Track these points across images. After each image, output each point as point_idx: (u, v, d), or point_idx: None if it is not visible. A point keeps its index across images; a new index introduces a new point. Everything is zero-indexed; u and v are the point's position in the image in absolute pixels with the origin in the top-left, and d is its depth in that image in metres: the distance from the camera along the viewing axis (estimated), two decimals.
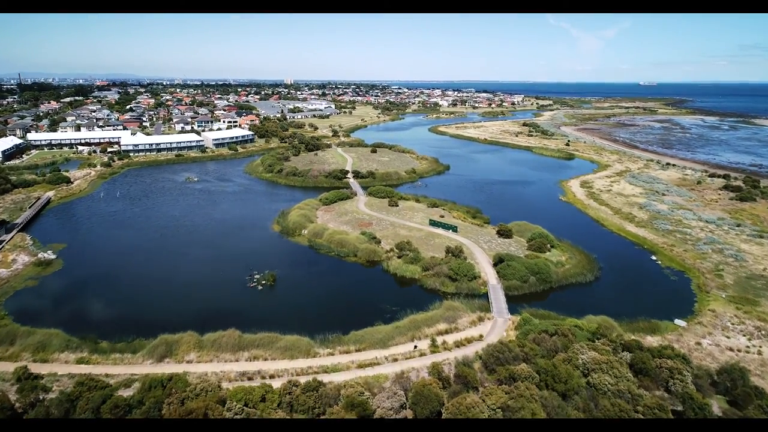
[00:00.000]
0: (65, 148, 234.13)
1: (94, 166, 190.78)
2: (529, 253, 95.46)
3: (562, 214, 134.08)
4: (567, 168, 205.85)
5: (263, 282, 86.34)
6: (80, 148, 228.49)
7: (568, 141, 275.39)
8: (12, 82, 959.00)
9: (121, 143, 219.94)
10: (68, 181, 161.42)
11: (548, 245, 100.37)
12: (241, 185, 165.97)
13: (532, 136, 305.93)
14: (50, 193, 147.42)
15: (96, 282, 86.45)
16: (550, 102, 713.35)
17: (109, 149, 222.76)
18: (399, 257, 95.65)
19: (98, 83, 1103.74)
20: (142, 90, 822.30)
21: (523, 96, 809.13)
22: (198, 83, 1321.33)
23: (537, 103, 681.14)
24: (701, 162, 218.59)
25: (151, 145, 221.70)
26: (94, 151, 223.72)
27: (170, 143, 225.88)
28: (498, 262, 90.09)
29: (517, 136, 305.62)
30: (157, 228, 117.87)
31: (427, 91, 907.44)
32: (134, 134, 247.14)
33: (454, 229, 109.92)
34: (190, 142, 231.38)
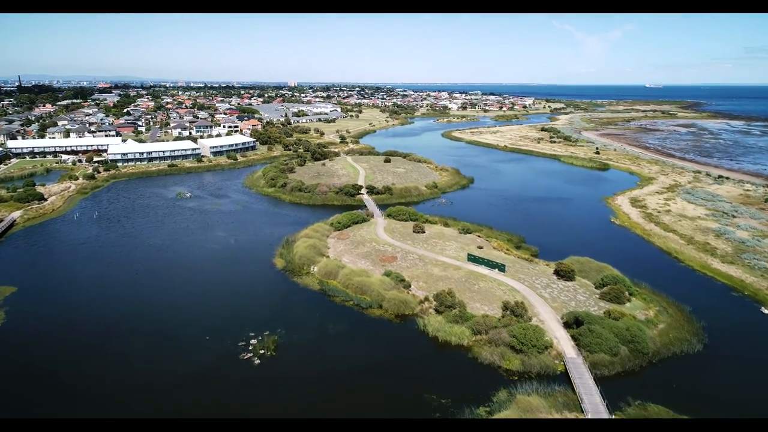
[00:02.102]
0: (49, 157, 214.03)
1: (76, 178, 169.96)
2: (610, 307, 73.23)
3: (620, 243, 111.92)
4: (605, 181, 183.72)
5: (261, 351, 64.69)
6: (64, 157, 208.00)
7: (597, 149, 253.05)
8: (16, 84, 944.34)
9: (108, 152, 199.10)
10: (41, 198, 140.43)
11: (626, 293, 78.33)
12: (239, 202, 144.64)
13: (555, 142, 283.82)
14: (16, 214, 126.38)
15: (38, 351, 64.93)
16: (562, 105, 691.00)
17: (95, 158, 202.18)
18: (438, 312, 73.80)
19: (100, 85, 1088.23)
20: (144, 92, 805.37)
21: (533, 99, 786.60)
22: (201, 86, 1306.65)
23: (548, 106, 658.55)
24: (754, 173, 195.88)
25: (142, 153, 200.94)
26: (80, 161, 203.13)
27: (163, 152, 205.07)
28: (573, 322, 68.09)
29: (539, 142, 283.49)
30: (134, 262, 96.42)
31: (434, 94, 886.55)
32: (125, 141, 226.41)
33: (501, 268, 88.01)
34: (185, 150, 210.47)
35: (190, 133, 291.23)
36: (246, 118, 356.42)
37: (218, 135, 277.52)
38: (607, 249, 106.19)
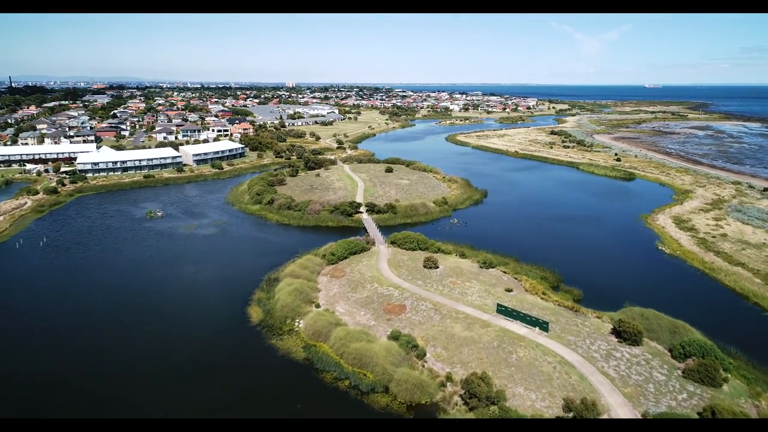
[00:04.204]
0: (16, 166, 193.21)
1: (35, 193, 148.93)
2: (709, 401, 52.38)
3: (677, 280, 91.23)
4: (634, 193, 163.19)
5: None
6: (29, 166, 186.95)
7: (617, 155, 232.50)
8: (6, 86, 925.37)
9: (77, 161, 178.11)
10: None
11: (720, 369, 57.66)
12: (217, 224, 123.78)
13: (568, 147, 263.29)
14: None
15: None
16: (567, 106, 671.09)
17: (63, 168, 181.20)
18: (468, 404, 53.00)
19: (95, 87, 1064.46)
20: (138, 93, 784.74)
21: (536, 99, 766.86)
22: (198, 86, 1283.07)
23: (553, 107, 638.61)
24: None
25: (115, 163, 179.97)
26: (47, 171, 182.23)
27: (139, 160, 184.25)
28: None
29: (551, 147, 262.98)
30: (74, 314, 75.46)
31: (434, 95, 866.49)
32: (99, 148, 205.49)
33: (543, 326, 67.27)
34: (165, 158, 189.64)
35: (176, 137, 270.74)
36: (237, 122, 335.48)
37: (205, 140, 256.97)
38: (663, 289, 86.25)
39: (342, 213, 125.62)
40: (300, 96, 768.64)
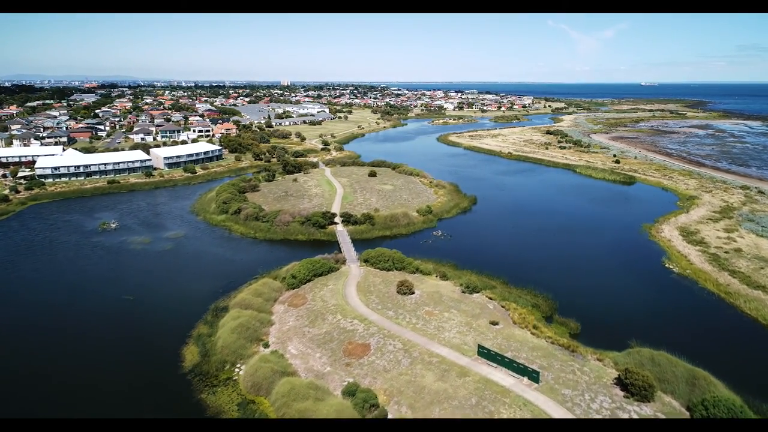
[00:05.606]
0: None
1: None
2: None
3: (689, 307, 79.33)
4: (635, 199, 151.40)
5: None
6: None
7: (615, 156, 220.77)
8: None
9: (36, 166, 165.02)
10: None
11: None
12: (175, 237, 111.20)
13: (564, 148, 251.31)
14: None
15: None
16: (563, 104, 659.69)
17: (20, 173, 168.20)
18: None
19: (86, 86, 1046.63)
20: (129, 92, 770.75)
21: (532, 98, 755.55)
22: (191, 85, 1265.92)
23: (549, 106, 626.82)
24: None
25: (78, 167, 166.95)
26: (4, 176, 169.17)
27: (105, 164, 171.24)
28: None
29: (547, 148, 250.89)
30: None
31: (429, 93, 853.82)
32: (65, 150, 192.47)
33: (533, 376, 55.21)
34: (134, 162, 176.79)
35: (154, 138, 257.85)
36: (222, 121, 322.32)
37: (184, 141, 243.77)
38: (673, 319, 74.73)
39: (314, 225, 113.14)
40: (293, 95, 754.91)
